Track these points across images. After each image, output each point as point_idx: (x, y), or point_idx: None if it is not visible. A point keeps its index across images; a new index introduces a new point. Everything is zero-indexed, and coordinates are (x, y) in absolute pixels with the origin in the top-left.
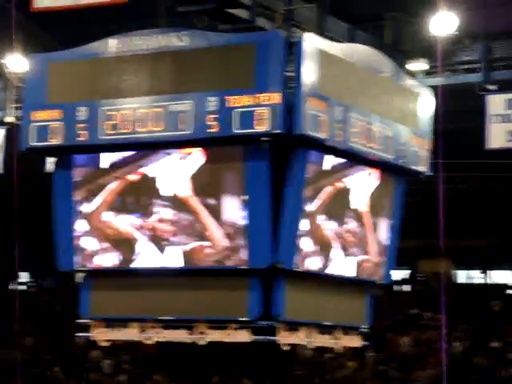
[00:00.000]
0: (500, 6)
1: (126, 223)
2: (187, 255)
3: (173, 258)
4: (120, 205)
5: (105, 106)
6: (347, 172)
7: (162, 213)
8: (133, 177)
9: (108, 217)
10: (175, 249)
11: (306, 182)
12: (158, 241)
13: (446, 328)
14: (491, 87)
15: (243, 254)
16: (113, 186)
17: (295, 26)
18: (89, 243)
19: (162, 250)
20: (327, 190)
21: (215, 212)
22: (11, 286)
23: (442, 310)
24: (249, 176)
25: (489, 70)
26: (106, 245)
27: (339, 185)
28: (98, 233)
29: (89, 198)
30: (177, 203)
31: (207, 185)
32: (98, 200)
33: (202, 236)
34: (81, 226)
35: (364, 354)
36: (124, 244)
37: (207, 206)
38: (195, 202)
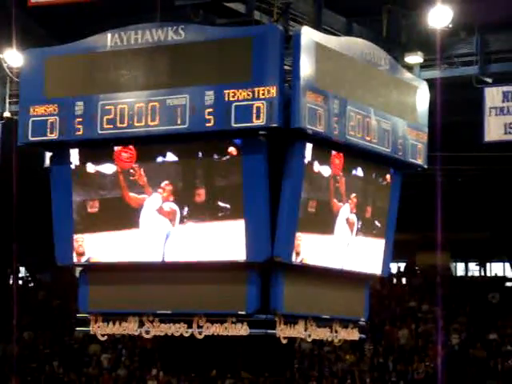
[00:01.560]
0: None
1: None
2: (186, 249)
3: (171, 251)
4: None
5: (102, 100)
6: (345, 165)
7: (161, 205)
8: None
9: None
10: (174, 242)
11: (304, 175)
12: (158, 234)
13: (443, 320)
14: (488, 80)
15: (241, 248)
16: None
17: (292, 20)
18: (87, 237)
19: (161, 243)
20: (325, 183)
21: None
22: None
23: (439, 303)
24: (246, 170)
25: (485, 63)
26: (103, 239)
27: (337, 178)
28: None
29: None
30: (177, 196)
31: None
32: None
33: (202, 230)
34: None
35: (362, 347)
36: (122, 238)
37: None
38: (199, 195)
